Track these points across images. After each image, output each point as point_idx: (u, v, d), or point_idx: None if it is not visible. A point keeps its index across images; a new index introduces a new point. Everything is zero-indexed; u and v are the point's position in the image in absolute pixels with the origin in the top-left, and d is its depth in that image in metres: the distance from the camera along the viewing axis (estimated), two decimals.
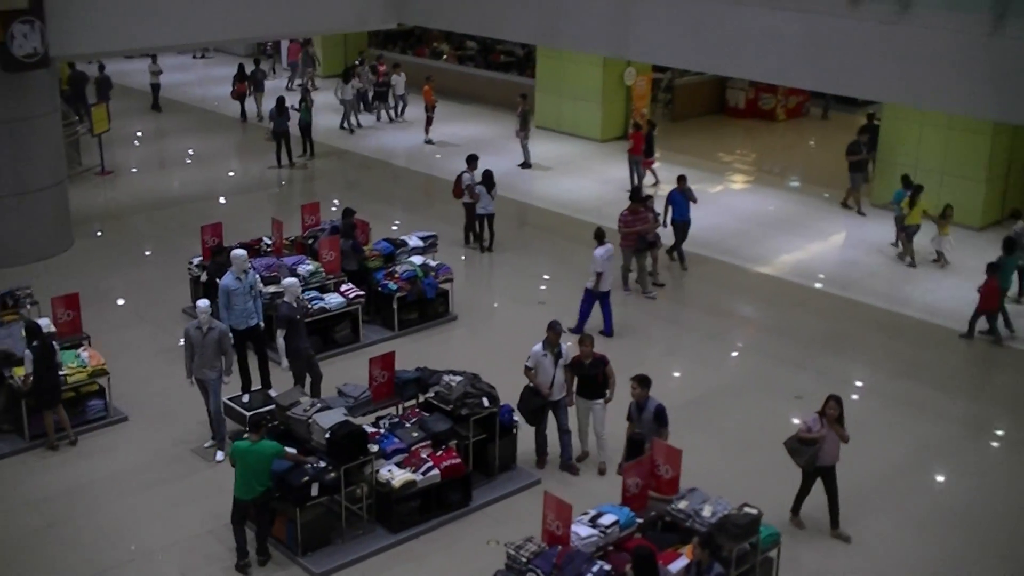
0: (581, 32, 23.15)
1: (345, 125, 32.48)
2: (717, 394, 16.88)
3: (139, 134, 32.70)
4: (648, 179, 26.80)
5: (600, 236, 18.58)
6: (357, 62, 34.36)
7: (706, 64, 22.82)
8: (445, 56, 38.23)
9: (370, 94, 33.92)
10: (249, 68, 34.42)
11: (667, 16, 21.07)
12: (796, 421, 16.07)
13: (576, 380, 14.30)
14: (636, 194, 20.49)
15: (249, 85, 34.22)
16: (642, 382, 13.23)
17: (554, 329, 14.16)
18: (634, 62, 29.42)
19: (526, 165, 28.44)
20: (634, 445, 12.90)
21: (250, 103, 34.30)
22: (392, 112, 33.86)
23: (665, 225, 21.14)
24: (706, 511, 11.68)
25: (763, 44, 19.70)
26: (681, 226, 21.49)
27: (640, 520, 11.81)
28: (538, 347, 14.19)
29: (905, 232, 22.01)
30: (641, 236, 19.91)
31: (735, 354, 18.48)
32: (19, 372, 14.99)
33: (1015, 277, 19.56)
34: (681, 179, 21.41)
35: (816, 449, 12.87)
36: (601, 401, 14.27)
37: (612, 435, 14.28)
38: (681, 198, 21.25)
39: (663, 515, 11.95)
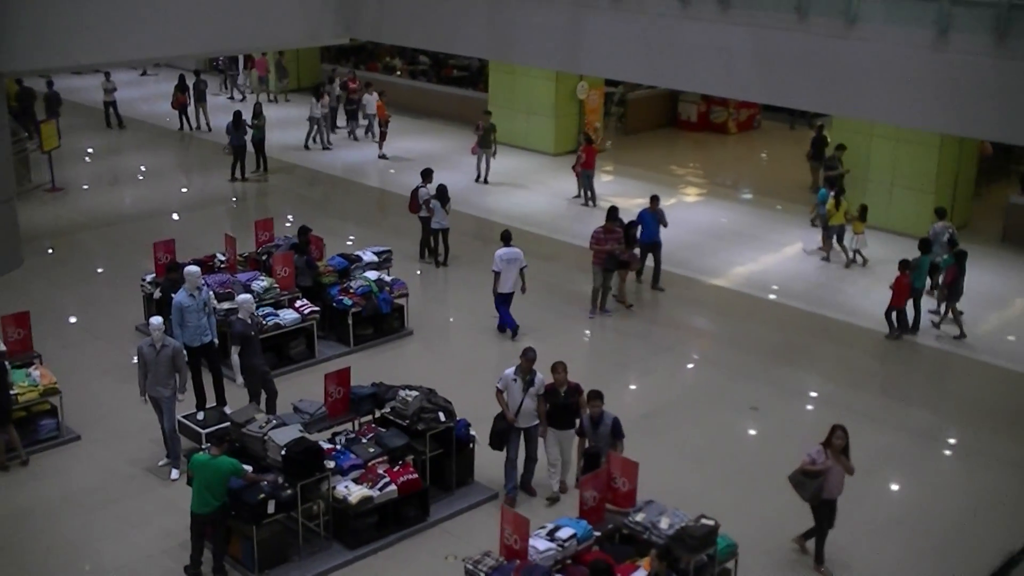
0: (533, 46, 23.28)
1: (312, 143, 32.16)
2: (672, 406, 16.98)
3: (90, 150, 32.43)
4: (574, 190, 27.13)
5: (505, 237, 19.37)
6: (327, 79, 33.99)
7: (657, 78, 23.02)
8: (398, 71, 38.25)
9: (338, 112, 33.76)
10: (191, 80, 34.42)
11: (618, 30, 21.22)
12: (751, 432, 16.27)
13: (547, 408, 13.88)
14: (612, 212, 19.97)
15: (190, 96, 34.49)
16: (599, 396, 13.27)
17: (527, 356, 13.82)
18: (586, 76, 29.57)
19: (482, 181, 28.46)
20: (591, 458, 12.95)
21: (195, 114, 34.55)
22: (361, 131, 33.34)
23: (634, 244, 20.68)
24: (663, 523, 11.74)
25: (713, 58, 19.90)
26: (649, 246, 21.05)
27: (598, 533, 11.84)
28: (509, 371, 13.92)
29: (827, 231, 22.83)
30: (611, 255, 19.66)
31: (690, 366, 18.62)
32: None
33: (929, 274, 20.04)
34: (654, 199, 21.07)
35: (821, 482, 12.56)
36: (572, 431, 13.85)
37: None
38: (651, 218, 20.93)
39: (620, 528, 12.01)
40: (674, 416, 16.62)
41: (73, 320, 19.92)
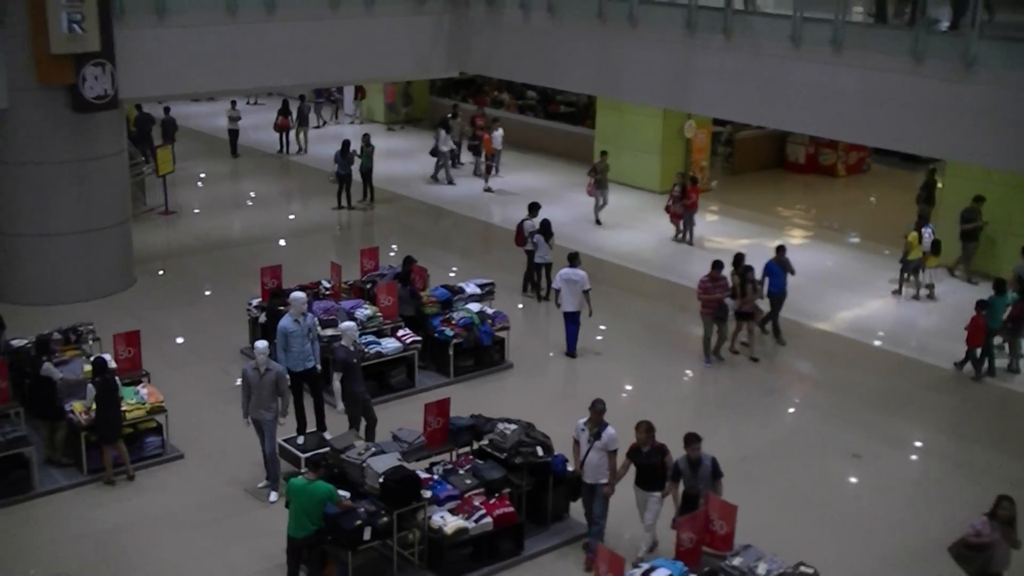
0: (642, 83, 23.22)
1: (440, 177, 32.18)
2: (772, 450, 16.73)
3: (202, 176, 33.15)
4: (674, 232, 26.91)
5: (571, 258, 19.72)
6: (450, 115, 33.82)
7: (766, 118, 22.76)
8: (505, 105, 38.48)
9: (461, 148, 33.54)
10: (295, 105, 35.39)
11: (729, 69, 21.07)
12: (853, 480, 15.94)
13: (633, 468, 13.39)
14: (717, 264, 19.36)
15: (295, 120, 35.62)
16: (697, 439, 13.05)
17: (594, 408, 13.31)
18: (694, 115, 29.45)
19: (595, 221, 28.08)
20: (688, 500, 12.79)
21: (296, 137, 35.63)
22: (484, 166, 32.60)
23: (761, 296, 20.05)
24: (761, 569, 11.54)
25: (825, 99, 19.64)
26: (778, 298, 20.37)
27: None
28: (582, 420, 13.48)
29: (905, 265, 22.95)
30: (721, 304, 19.23)
31: (791, 410, 18.34)
32: (79, 408, 15.17)
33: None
34: (780, 249, 20.44)
35: (988, 555, 11.66)
36: (658, 494, 13.20)
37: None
38: (778, 268, 20.22)
39: (717, 571, 11.81)
40: (774, 461, 16.36)
41: (180, 341, 20.30)
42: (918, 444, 17.12)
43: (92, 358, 15.73)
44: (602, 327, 21.23)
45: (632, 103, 28.74)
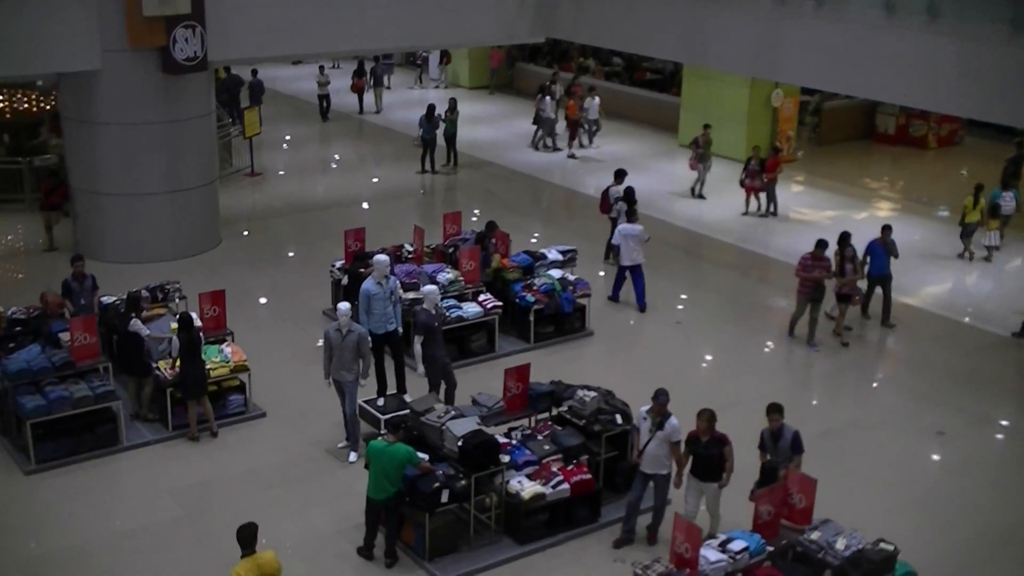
0: (729, 52, 22.94)
1: (546, 144, 31.90)
2: (853, 425, 16.51)
3: (288, 138, 33.43)
4: (752, 205, 26.39)
5: (630, 214, 20.51)
6: (549, 82, 33.38)
7: (857, 88, 22.35)
8: (591, 72, 38.24)
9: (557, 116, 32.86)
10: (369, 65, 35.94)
11: (819, 38, 20.72)
12: (936, 458, 15.70)
13: (691, 458, 12.91)
14: (821, 243, 18.72)
15: (369, 80, 35.97)
16: (777, 410, 12.95)
17: (657, 400, 12.78)
18: (782, 84, 29.04)
19: (698, 195, 27.57)
20: (767, 472, 12.67)
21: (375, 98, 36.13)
22: (584, 138, 32.37)
23: (861, 277, 19.47)
24: (840, 544, 11.41)
25: (917, 69, 19.23)
26: (878, 280, 19.69)
27: (771, 548, 11.57)
28: (644, 408, 12.99)
29: (964, 228, 23.10)
30: (818, 283, 18.60)
31: (875, 386, 18.09)
32: (165, 364, 15.44)
33: None
34: (886, 229, 19.76)
35: None
36: (715, 485, 12.76)
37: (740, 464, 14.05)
38: (882, 249, 19.59)
39: (795, 545, 11.71)
40: (855, 436, 16.15)
41: (263, 301, 20.53)
42: (1004, 423, 16.79)
43: (178, 314, 16.00)
44: (683, 296, 21.13)
45: (719, 71, 28.41)
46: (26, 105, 27.17)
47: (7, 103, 27.09)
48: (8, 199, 25.66)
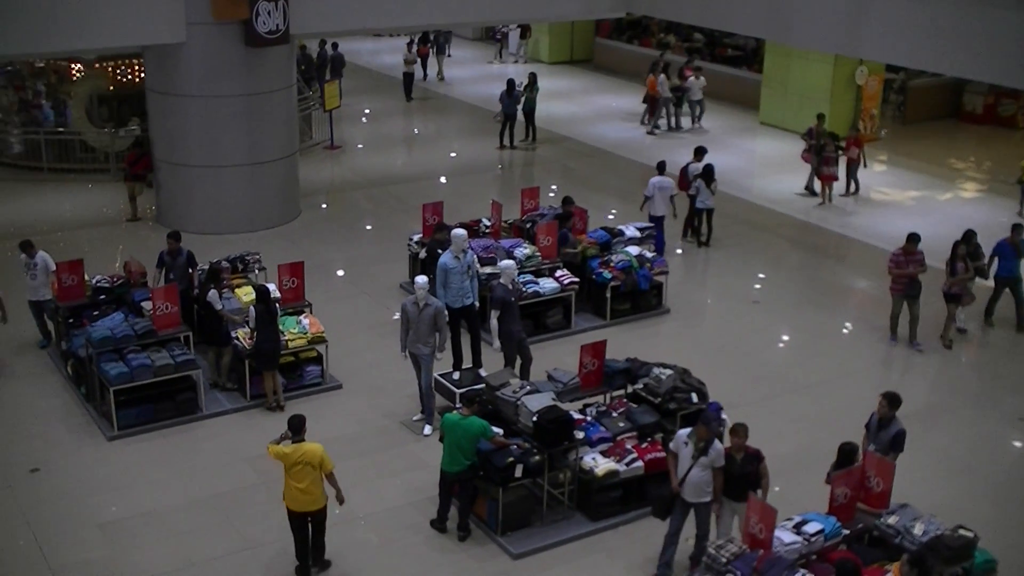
0: (813, 28, 22.57)
1: (658, 125, 31.25)
2: (933, 410, 16.24)
3: (367, 111, 33.58)
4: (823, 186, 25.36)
5: (660, 167, 21.21)
6: (659, 60, 32.55)
7: (945, 65, 21.83)
8: (671, 48, 37.91)
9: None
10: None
11: (907, 14, 20.29)
12: (1018, 444, 15.40)
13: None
14: (913, 237, 17.69)
15: (432, 47, 36.45)
16: (892, 401, 12.69)
17: (705, 424, 11.90)
18: (867, 61, 28.54)
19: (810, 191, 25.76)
20: (844, 454, 12.50)
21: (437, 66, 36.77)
22: (687, 119, 31.62)
23: (986, 277, 18.53)
24: (917, 529, 11.23)
25: (1010, 47, 18.75)
26: (1007, 282, 18.51)
27: (846, 532, 11.42)
28: (684, 432, 12.14)
29: None
30: (912, 279, 17.70)
31: (955, 370, 17.75)
32: (243, 335, 15.63)
33: None
34: (1016, 229, 18.54)
35: None
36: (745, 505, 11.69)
37: (813, 445, 13.89)
38: (1011, 250, 18.41)
39: (871, 529, 11.55)
40: (934, 421, 15.86)
41: (341, 273, 20.67)
42: None
43: (257, 286, 16.17)
44: (761, 275, 20.92)
45: (802, 48, 27.99)
46: (129, 76, 27.64)
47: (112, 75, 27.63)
48: (94, 169, 26.12)
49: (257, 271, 18.08)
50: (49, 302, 16.96)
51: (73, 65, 27.43)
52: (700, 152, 22.32)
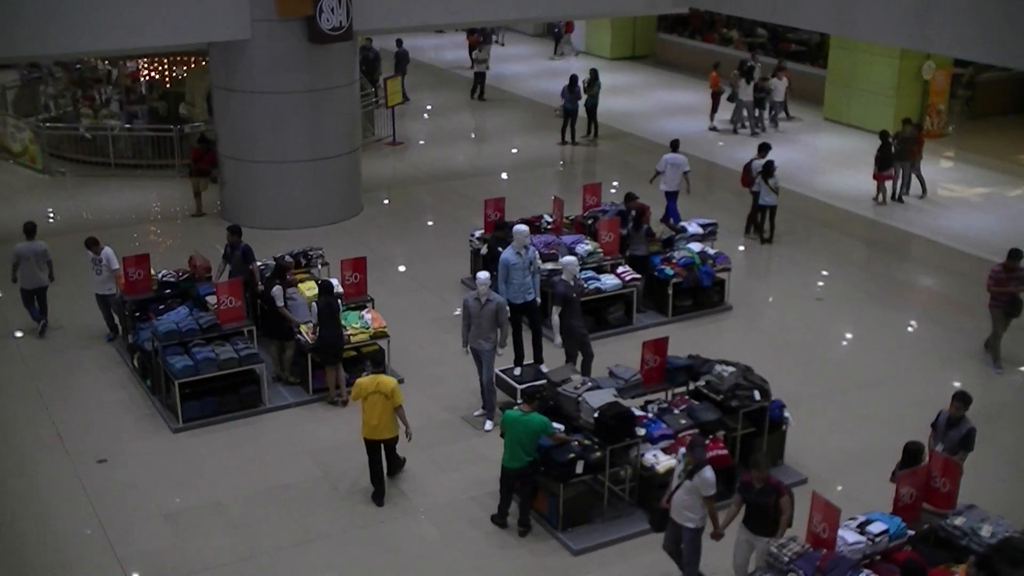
0: (879, 22, 22.30)
1: (743, 127, 30.68)
2: (999, 408, 16.00)
3: (429, 107, 33.68)
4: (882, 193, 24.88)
5: (674, 145, 22.41)
6: (749, 62, 31.76)
7: (1017, 59, 21.49)
8: (733, 43, 37.65)
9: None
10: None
11: (976, 6, 19.97)
12: None
13: (743, 507, 11.53)
14: (1014, 253, 16.69)
15: (480, 38, 36.60)
16: (965, 401, 12.52)
17: (690, 450, 11.47)
18: (934, 55, 28.15)
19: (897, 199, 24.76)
20: (910, 454, 12.35)
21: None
22: (767, 121, 30.94)
23: None
24: (984, 531, 11.06)
25: None
26: None
27: (911, 532, 11.28)
28: (683, 450, 11.82)
29: None
30: (1014, 298, 16.77)
31: (1022, 368, 17.45)
32: (306, 329, 15.74)
33: None
34: None
35: None
36: (766, 540, 11.20)
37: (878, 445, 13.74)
38: None
39: (937, 530, 11.38)
40: (1001, 420, 15.64)
41: (402, 269, 20.75)
42: None
43: (319, 281, 16.27)
44: (824, 272, 20.73)
45: (868, 42, 27.66)
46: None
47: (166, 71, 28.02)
48: (159, 165, 26.44)
49: (320, 266, 18.21)
50: (115, 296, 17.21)
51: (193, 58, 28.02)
52: (763, 149, 22.15)
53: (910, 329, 18.65)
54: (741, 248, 21.72)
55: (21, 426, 15.27)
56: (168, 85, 28.27)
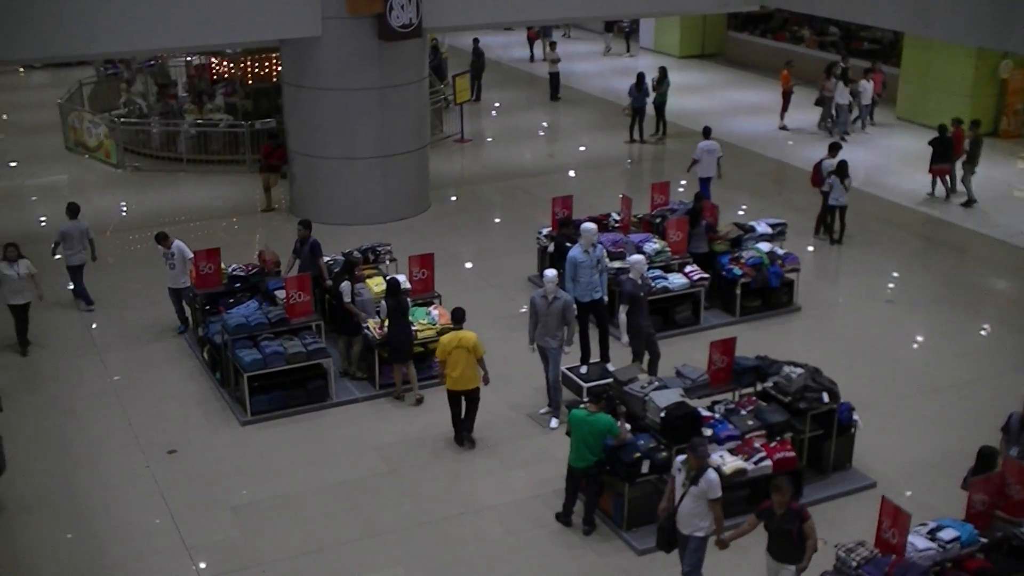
0: (956, 20, 21.93)
1: (827, 127, 30.06)
2: None
3: (497, 105, 33.71)
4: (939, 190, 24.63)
5: (706, 132, 23.22)
6: (840, 63, 31.30)
7: None
8: (805, 41, 37.29)
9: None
10: None
11: None
12: None
13: (767, 534, 10.99)
14: None
15: (540, 31, 37.40)
16: None
17: (692, 451, 11.12)
18: (1012, 54, 27.65)
19: (969, 203, 24.13)
20: (983, 459, 12.16)
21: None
22: (855, 124, 30.35)
23: None
24: None
25: None
26: None
27: (984, 540, 11.10)
28: (680, 457, 11.51)
29: None
30: None
31: None
32: (373, 325, 15.82)
33: None
34: None
35: None
36: (792, 568, 10.79)
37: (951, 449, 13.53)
38: None
39: (1011, 538, 11.20)
40: None
41: (469, 266, 20.79)
42: None
43: (387, 278, 16.35)
44: (895, 274, 20.47)
45: (944, 41, 27.22)
46: (267, 70, 28.30)
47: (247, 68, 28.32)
48: (230, 160, 26.75)
49: (388, 262, 18.30)
50: (187, 289, 17.43)
51: None
52: (834, 148, 21.91)
53: (982, 333, 18.35)
54: (810, 248, 21.49)
55: (94, 417, 15.52)
56: (251, 81, 28.55)
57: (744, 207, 23.46)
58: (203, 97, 28.64)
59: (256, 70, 28.53)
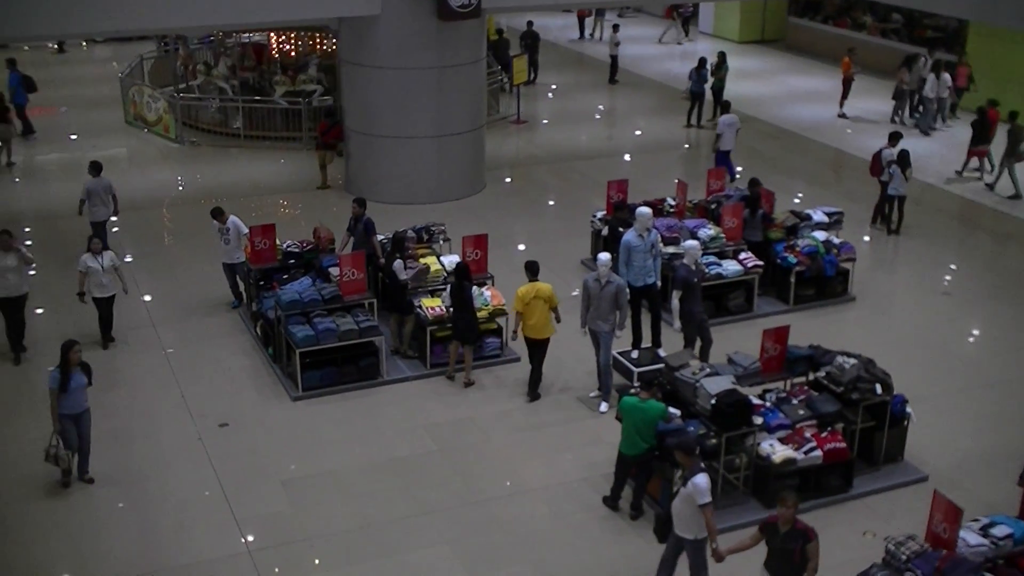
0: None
1: (899, 119, 29.56)
2: None
3: (553, 87, 33.63)
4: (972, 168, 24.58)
5: (725, 106, 24.58)
6: (924, 56, 30.61)
7: None
8: (867, 28, 36.85)
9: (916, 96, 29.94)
10: None
11: None
12: None
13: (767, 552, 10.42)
14: None
15: (593, 10, 38.20)
16: None
17: (681, 449, 10.95)
18: None
19: (1016, 196, 23.74)
20: None
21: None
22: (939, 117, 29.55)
23: None
24: None
25: None
26: None
27: None
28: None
29: None
30: None
31: None
32: (427, 304, 15.86)
33: None
34: None
35: None
36: None
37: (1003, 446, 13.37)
38: None
39: None
40: None
41: (522, 248, 20.76)
42: None
43: (456, 262, 16.36)
44: (952, 266, 20.23)
45: (1012, 29, 26.74)
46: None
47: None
48: (287, 137, 26.90)
49: (442, 241, 18.32)
50: (242, 265, 17.56)
51: None
52: (895, 138, 21.64)
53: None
54: (867, 238, 21.27)
55: (149, 389, 15.70)
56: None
57: (800, 195, 23.26)
58: (289, 71, 28.66)
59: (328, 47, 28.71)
